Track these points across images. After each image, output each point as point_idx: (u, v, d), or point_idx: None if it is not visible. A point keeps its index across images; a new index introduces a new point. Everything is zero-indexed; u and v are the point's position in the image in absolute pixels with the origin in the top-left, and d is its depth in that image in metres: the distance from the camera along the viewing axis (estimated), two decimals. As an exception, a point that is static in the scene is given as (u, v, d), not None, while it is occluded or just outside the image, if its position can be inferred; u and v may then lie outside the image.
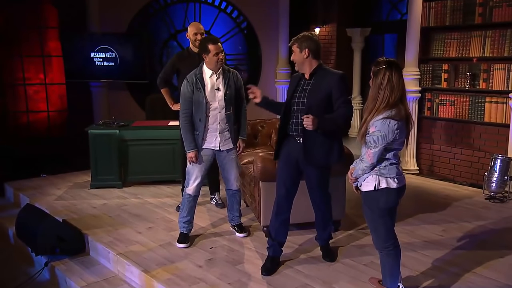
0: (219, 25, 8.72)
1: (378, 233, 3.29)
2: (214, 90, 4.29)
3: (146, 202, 5.62)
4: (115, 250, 4.29)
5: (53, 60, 8.36)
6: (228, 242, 4.48)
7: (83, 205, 5.52)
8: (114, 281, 4.09)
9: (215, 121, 4.31)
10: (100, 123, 6.25)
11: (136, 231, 4.73)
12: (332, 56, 9.38)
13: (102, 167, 6.04)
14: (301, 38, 3.74)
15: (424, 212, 5.32)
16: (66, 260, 4.49)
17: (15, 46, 8.36)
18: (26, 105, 8.51)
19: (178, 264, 4.02)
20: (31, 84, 8.48)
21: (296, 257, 4.15)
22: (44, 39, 8.36)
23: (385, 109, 3.05)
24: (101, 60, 7.58)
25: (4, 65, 8.45)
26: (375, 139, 3.04)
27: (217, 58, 4.18)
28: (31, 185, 6.39)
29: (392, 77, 3.07)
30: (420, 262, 4.04)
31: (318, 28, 9.34)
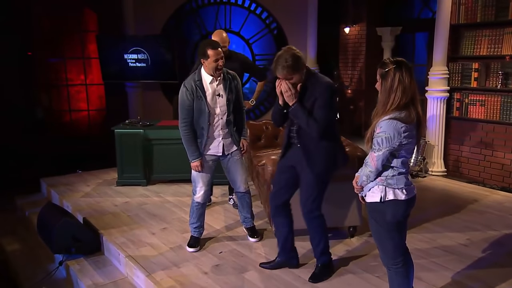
0: (249, 26, 8.30)
1: (385, 249, 2.77)
2: (215, 96, 3.81)
3: (166, 201, 5.29)
4: (125, 252, 3.98)
5: (92, 62, 8.26)
6: (239, 246, 4.06)
7: (105, 203, 5.26)
8: (123, 284, 3.79)
9: (217, 128, 3.87)
10: (126, 122, 5.96)
11: (150, 232, 4.40)
12: (362, 56, 8.75)
13: (128, 165, 5.76)
14: (291, 67, 3.11)
15: (449, 217, 4.70)
16: (81, 259, 4.24)
17: (59, 49, 8.32)
18: (69, 104, 8.45)
19: (184, 269, 3.65)
20: (73, 85, 8.42)
21: (304, 264, 3.68)
22: (84, 42, 8.27)
23: (393, 111, 2.54)
24: (134, 62, 7.34)
25: (49, 67, 8.43)
26: (379, 141, 2.54)
27: (216, 64, 3.66)
28: (64, 181, 6.21)
29: (403, 77, 2.55)
30: (438, 276, 3.48)
31: (348, 27, 8.74)
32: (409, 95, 2.57)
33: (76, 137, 8.11)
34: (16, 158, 7.62)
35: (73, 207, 5.13)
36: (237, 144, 3.97)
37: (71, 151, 7.70)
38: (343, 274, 3.53)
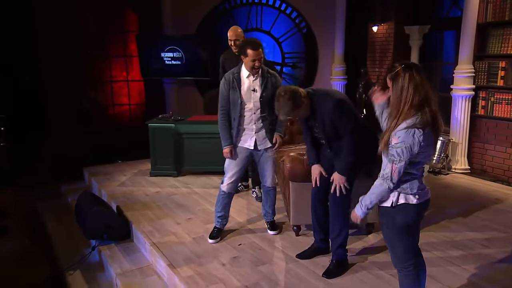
0: (279, 26, 8.09)
1: (395, 252, 2.57)
2: (250, 91, 3.72)
3: (193, 192, 5.24)
4: (150, 240, 3.95)
5: (133, 60, 8.27)
6: (258, 239, 3.94)
7: (138, 192, 5.26)
8: (147, 271, 3.75)
9: (251, 121, 3.77)
10: (159, 117, 5.94)
11: (176, 222, 4.35)
12: (389, 54, 8.37)
13: (160, 157, 5.76)
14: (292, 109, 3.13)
15: (469, 216, 4.41)
16: (112, 245, 4.25)
17: (104, 48, 8.40)
18: (112, 99, 8.53)
19: (204, 260, 3.57)
20: (116, 81, 8.48)
21: (321, 260, 3.51)
22: (126, 41, 8.29)
23: (409, 110, 2.31)
24: (169, 60, 7.30)
25: (95, 65, 8.52)
26: (399, 152, 2.30)
27: (253, 64, 3.60)
28: (104, 170, 6.28)
29: (413, 77, 2.33)
30: (454, 276, 3.25)
31: (376, 26, 8.37)
32: (422, 93, 2.33)
33: (118, 129, 8.16)
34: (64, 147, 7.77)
35: (109, 195, 5.17)
36: (271, 141, 3.84)
37: (113, 142, 7.77)
38: (357, 271, 3.36)
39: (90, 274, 4.01)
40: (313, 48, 8.24)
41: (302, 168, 3.70)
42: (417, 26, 7.92)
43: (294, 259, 3.54)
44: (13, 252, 4.72)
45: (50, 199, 5.94)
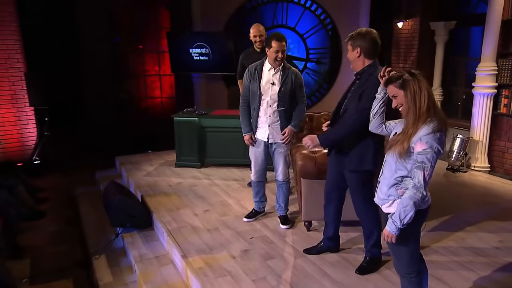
0: (304, 22, 7.88)
1: (400, 258, 2.42)
2: (269, 84, 3.68)
3: (214, 184, 5.19)
4: (168, 230, 3.94)
5: (165, 55, 8.28)
6: (270, 233, 3.86)
7: (162, 182, 5.26)
8: (163, 259, 3.73)
9: (266, 113, 3.72)
10: (184, 111, 5.92)
11: (194, 213, 4.32)
12: (414, 49, 7.99)
13: (184, 149, 5.75)
14: (355, 36, 2.94)
15: (484, 216, 4.15)
16: (134, 233, 4.27)
17: (138, 44, 8.46)
18: (145, 91, 8.61)
19: (215, 252, 3.52)
20: (149, 75, 8.54)
21: (330, 257, 3.39)
22: (159, 37, 8.32)
23: (427, 113, 2.17)
24: (197, 55, 7.24)
25: (130, 59, 8.61)
26: (429, 158, 2.14)
27: (276, 55, 3.58)
28: (133, 160, 6.31)
29: (421, 80, 2.23)
30: (462, 278, 3.06)
31: (402, 22, 7.99)
32: (432, 96, 2.23)
33: (150, 120, 8.25)
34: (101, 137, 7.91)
35: (135, 185, 5.20)
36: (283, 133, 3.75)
37: (145, 133, 7.86)
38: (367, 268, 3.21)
39: (114, 259, 4.04)
40: (337, 44, 7.98)
41: (313, 165, 3.58)
42: (443, 22, 7.52)
43: (303, 255, 3.44)
44: (48, 235, 4.85)
45: (85, 186, 6.04)
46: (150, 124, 8.07)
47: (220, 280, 3.10)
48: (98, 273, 3.83)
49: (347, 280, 3.07)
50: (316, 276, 3.13)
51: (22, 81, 6.95)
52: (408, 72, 2.28)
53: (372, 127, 2.61)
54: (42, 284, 3.85)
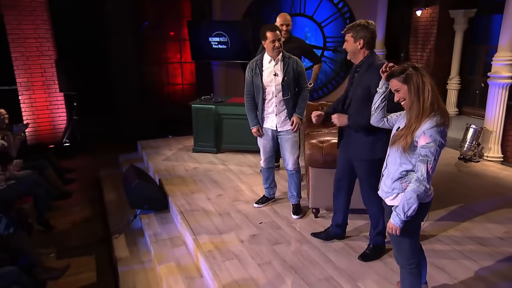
0: (322, 10, 7.68)
1: (401, 250, 2.37)
2: (272, 75, 3.63)
3: (228, 169, 5.19)
4: (181, 213, 3.98)
5: (186, 44, 8.26)
6: (278, 219, 3.85)
7: (179, 167, 5.30)
8: (177, 241, 3.79)
9: (272, 104, 3.69)
10: (202, 98, 5.91)
11: (207, 197, 4.34)
12: (432, 38, 7.69)
13: (202, 135, 5.76)
14: (357, 27, 2.84)
15: (492, 207, 4.01)
16: (151, 214, 4.34)
17: (161, 33, 8.47)
18: (167, 78, 8.65)
19: (225, 236, 3.54)
20: (171, 63, 8.57)
21: (335, 244, 3.37)
22: (180, 26, 8.30)
23: (430, 107, 2.12)
24: (216, 44, 7.20)
25: (154, 47, 8.64)
26: (433, 151, 2.09)
27: (273, 45, 3.52)
28: (154, 144, 6.37)
29: (425, 75, 2.16)
30: (464, 269, 2.99)
31: (420, 10, 7.69)
32: (435, 90, 2.15)
33: (171, 106, 8.30)
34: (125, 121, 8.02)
35: (154, 169, 5.27)
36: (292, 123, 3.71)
37: (166, 118, 7.92)
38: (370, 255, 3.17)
39: (132, 239, 4.13)
40: (354, 33, 7.77)
41: (320, 155, 3.53)
42: (463, 10, 7.20)
43: (308, 241, 3.42)
44: (74, 214, 4.98)
45: (109, 168, 6.15)
46: (172, 109, 8.12)
47: (227, 263, 3.12)
48: (117, 251, 3.94)
49: (349, 266, 3.04)
50: (320, 262, 3.12)
51: (53, 68, 7.09)
52: (412, 66, 2.20)
53: (374, 121, 2.55)
54: (67, 259, 3.97)
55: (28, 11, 6.75)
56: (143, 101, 8.48)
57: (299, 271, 3.00)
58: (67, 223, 4.73)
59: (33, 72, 7.03)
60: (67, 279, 3.64)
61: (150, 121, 7.97)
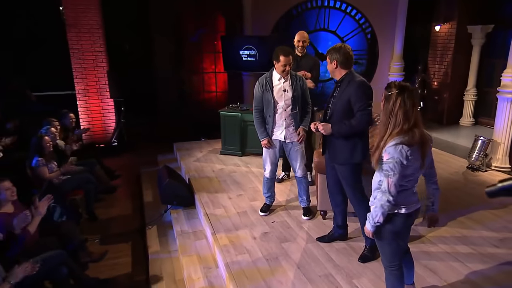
0: (344, 26, 7.66)
1: (384, 253, 2.44)
2: (281, 91, 3.71)
3: (250, 171, 5.32)
4: (204, 210, 4.16)
5: (220, 56, 8.47)
6: (289, 219, 3.95)
7: (207, 168, 5.48)
8: (199, 234, 3.97)
9: (281, 117, 3.76)
10: (229, 106, 6.08)
11: (228, 197, 4.50)
12: (450, 52, 7.51)
13: (228, 139, 5.93)
14: (332, 51, 2.99)
15: (491, 215, 3.93)
16: (179, 210, 4.53)
17: (198, 46, 8.72)
18: (203, 86, 8.89)
19: (240, 232, 3.69)
20: (207, 72, 8.79)
21: (338, 244, 3.43)
22: (215, 39, 8.50)
23: (398, 134, 2.15)
24: (246, 56, 7.34)
25: (192, 59, 8.91)
26: (392, 167, 2.16)
27: (283, 68, 3.60)
28: (187, 146, 6.58)
29: (404, 102, 2.15)
30: (455, 272, 2.98)
31: (439, 25, 7.52)
32: (411, 119, 2.15)
33: (206, 112, 8.52)
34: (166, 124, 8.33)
35: (185, 169, 5.47)
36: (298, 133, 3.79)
37: (201, 122, 8.15)
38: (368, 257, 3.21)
39: (162, 230, 4.34)
40: (374, 47, 7.70)
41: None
42: (480, 25, 6.97)
43: (313, 240, 3.50)
44: (117, 206, 5.25)
45: (148, 166, 6.40)
46: (206, 115, 8.34)
47: (239, 257, 3.27)
48: (149, 240, 4.16)
49: (348, 265, 3.11)
50: (321, 260, 3.20)
51: (105, 77, 7.50)
52: (399, 87, 2.18)
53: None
54: (108, 245, 4.24)
55: (86, 29, 7.20)
56: (181, 106, 8.77)
57: (302, 267, 3.10)
58: (110, 214, 5.00)
59: (89, 81, 7.48)
60: (106, 262, 3.89)
61: (186, 124, 8.23)
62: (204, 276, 3.25)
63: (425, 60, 7.97)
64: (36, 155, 4.48)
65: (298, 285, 2.88)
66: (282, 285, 2.88)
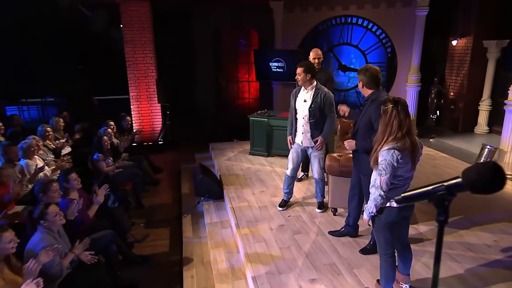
0: (366, 40, 7.63)
1: (379, 241, 2.58)
2: (302, 101, 3.88)
3: (274, 170, 5.48)
4: (231, 203, 4.37)
5: (253, 66, 8.69)
6: (304, 214, 4.09)
7: (236, 166, 5.69)
8: (225, 224, 4.19)
9: (300, 124, 3.92)
10: (258, 112, 6.26)
11: (252, 192, 4.70)
12: (466, 65, 7.28)
13: (256, 141, 6.11)
14: (359, 71, 3.03)
15: (488, 218, 3.86)
16: (210, 202, 4.76)
17: (235, 57, 9.01)
18: (238, 94, 9.16)
19: (259, 224, 3.88)
20: (241, 81, 9.05)
21: (345, 239, 3.53)
22: (249, 52, 8.74)
23: (392, 141, 2.31)
24: (275, 67, 7.52)
25: (229, 69, 9.21)
26: (384, 167, 2.32)
27: (295, 77, 3.83)
28: (221, 147, 6.80)
29: (398, 113, 2.31)
30: (448, 269, 3.01)
31: (456, 40, 7.31)
32: (404, 128, 2.30)
33: (239, 116, 8.76)
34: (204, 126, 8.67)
35: (218, 166, 5.70)
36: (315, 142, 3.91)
37: (235, 125, 8.39)
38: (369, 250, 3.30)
39: (195, 219, 4.60)
40: (393, 59, 7.61)
41: (337, 165, 3.72)
42: (495, 40, 6.73)
43: (323, 234, 3.63)
44: (160, 196, 5.55)
45: (187, 163, 6.67)
46: (239, 119, 8.56)
47: (256, 245, 3.47)
48: (184, 227, 4.43)
49: (351, 257, 3.22)
50: (328, 251, 3.33)
51: (154, 85, 7.93)
52: (394, 103, 2.32)
53: None
54: (151, 229, 4.53)
55: (140, 44, 7.65)
56: (218, 111, 9.10)
57: (310, 256, 3.25)
58: (154, 203, 5.29)
59: (141, 88, 7.93)
60: (148, 243, 4.19)
61: (223, 127, 8.53)
62: (226, 259, 3.48)
63: (443, 72, 7.77)
64: (96, 151, 4.89)
65: (304, 271, 3.04)
66: (291, 270, 3.06)
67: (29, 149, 4.34)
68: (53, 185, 3.34)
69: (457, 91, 7.57)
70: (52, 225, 2.86)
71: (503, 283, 2.78)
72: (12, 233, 2.54)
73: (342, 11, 7.47)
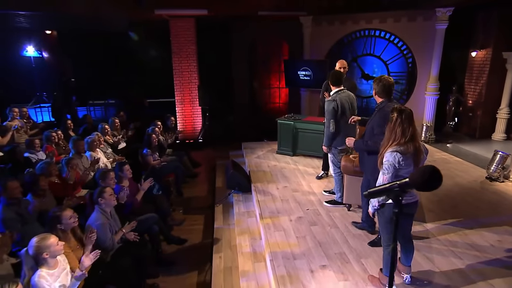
0: (388, 52, 7.44)
1: (383, 234, 2.63)
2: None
3: (297, 168, 5.54)
4: (257, 196, 4.50)
5: (283, 75, 8.75)
6: (321, 208, 4.14)
7: (264, 163, 5.80)
8: (251, 214, 4.33)
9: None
10: (285, 116, 6.32)
11: (276, 187, 4.79)
12: (485, 75, 6.91)
13: (283, 142, 6.17)
14: (374, 80, 3.03)
15: (495, 220, 3.72)
16: (240, 194, 4.91)
17: (267, 66, 9.13)
18: (269, 99, 9.26)
19: (280, 215, 3.99)
20: (272, 88, 9.15)
21: (357, 232, 3.56)
22: (280, 62, 8.81)
23: (396, 145, 2.37)
24: (303, 76, 7.56)
25: (262, 76, 9.35)
26: (386, 167, 2.39)
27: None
28: (252, 146, 6.92)
29: (402, 122, 2.36)
30: (449, 264, 2.97)
31: (476, 52, 6.95)
32: (408, 135, 2.35)
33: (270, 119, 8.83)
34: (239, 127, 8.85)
35: (248, 163, 5.85)
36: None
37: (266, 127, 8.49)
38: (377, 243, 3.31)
39: (226, 209, 4.76)
40: (413, 69, 7.36)
41: (351, 165, 3.74)
42: (516, 51, 6.34)
43: (337, 226, 3.67)
44: (198, 187, 5.79)
45: (222, 159, 6.84)
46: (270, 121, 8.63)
47: (276, 233, 3.59)
48: (216, 215, 4.61)
49: (359, 248, 3.26)
50: (339, 241, 3.38)
51: (196, 90, 8.25)
52: (399, 112, 2.37)
53: None
54: (188, 215, 4.76)
55: (185, 55, 7.98)
56: (251, 114, 9.26)
57: (323, 245, 3.32)
58: (191, 193, 5.52)
59: (185, 92, 8.27)
60: (185, 227, 4.44)
61: (255, 128, 8.67)
62: (250, 244, 3.64)
63: (462, 82, 7.42)
64: (146, 147, 5.23)
65: (317, 257, 3.13)
66: (305, 256, 3.15)
67: (92, 143, 4.77)
68: (110, 174, 3.68)
69: (475, 100, 7.20)
70: (107, 203, 3.15)
71: (501, 279, 2.71)
72: (71, 211, 2.77)
73: (366, 25, 7.36)
